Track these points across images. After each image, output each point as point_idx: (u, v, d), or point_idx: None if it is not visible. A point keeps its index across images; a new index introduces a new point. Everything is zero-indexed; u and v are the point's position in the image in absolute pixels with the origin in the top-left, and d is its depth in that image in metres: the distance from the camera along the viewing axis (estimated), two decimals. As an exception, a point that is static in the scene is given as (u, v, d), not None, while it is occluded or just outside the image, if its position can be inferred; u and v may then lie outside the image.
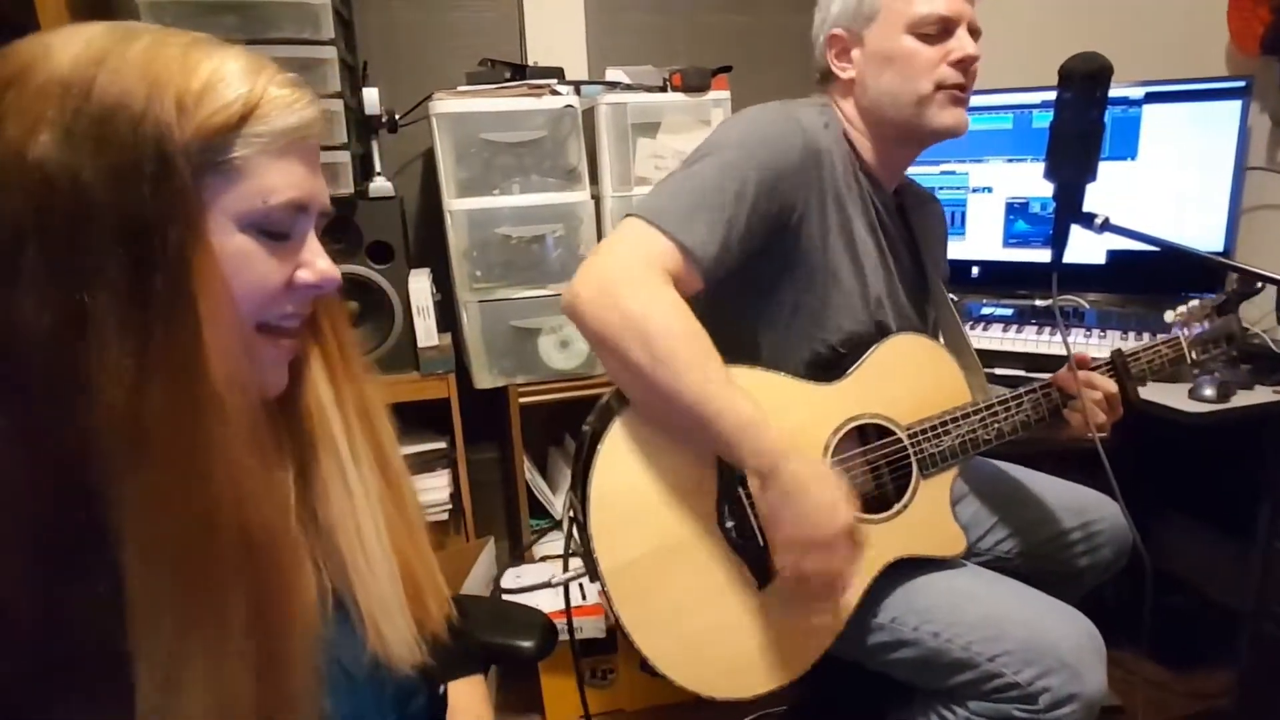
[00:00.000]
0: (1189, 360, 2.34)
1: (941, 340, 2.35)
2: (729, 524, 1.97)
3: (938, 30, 2.12)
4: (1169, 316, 2.45)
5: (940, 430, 2.16)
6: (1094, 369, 2.26)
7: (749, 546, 1.96)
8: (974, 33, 2.16)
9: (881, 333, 2.21)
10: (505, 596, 3.29)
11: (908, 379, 2.19)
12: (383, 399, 1.38)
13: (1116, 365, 2.27)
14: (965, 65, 2.15)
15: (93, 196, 0.94)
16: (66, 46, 0.99)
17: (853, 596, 2.03)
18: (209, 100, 1.02)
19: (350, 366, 1.32)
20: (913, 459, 2.13)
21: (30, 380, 0.94)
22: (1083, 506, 2.51)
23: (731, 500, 1.98)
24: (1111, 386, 2.20)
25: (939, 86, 2.14)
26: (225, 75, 1.05)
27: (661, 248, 1.93)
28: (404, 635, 1.30)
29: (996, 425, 2.20)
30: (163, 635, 0.96)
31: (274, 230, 1.10)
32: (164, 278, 0.97)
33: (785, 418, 1.97)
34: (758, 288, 2.16)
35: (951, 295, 2.45)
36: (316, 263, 1.16)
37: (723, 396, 1.85)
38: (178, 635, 0.97)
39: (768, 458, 1.84)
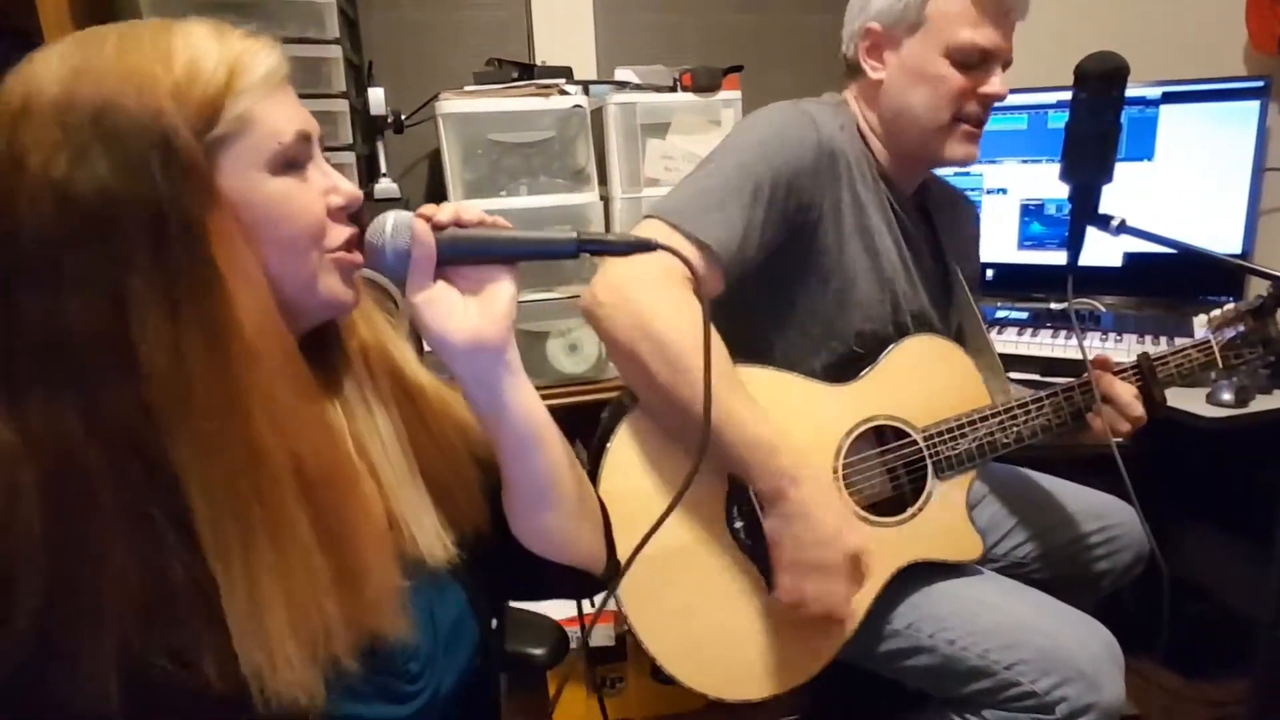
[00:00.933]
0: (1219, 366, 2.31)
1: (965, 343, 2.34)
2: (738, 525, 1.99)
3: (976, 61, 2.13)
4: (1200, 320, 2.43)
5: (957, 433, 2.16)
6: (1118, 373, 2.25)
7: (758, 548, 1.96)
8: (1005, 65, 2.18)
9: (901, 334, 2.22)
10: (512, 604, 3.30)
11: (924, 380, 2.19)
12: (391, 325, 1.49)
13: (1143, 369, 2.26)
14: (990, 103, 2.17)
15: (113, 197, 1.04)
16: (46, 69, 1.09)
17: (864, 600, 2.03)
18: (196, 79, 1.11)
19: (364, 306, 1.43)
20: (928, 461, 2.13)
21: (85, 370, 1.06)
22: (1100, 511, 2.52)
23: (741, 501, 1.99)
24: (1127, 396, 2.20)
25: (959, 118, 2.16)
26: (199, 51, 1.13)
27: (680, 246, 1.92)
28: (431, 532, 1.38)
29: (1015, 429, 2.20)
30: (234, 563, 1.08)
31: (296, 163, 1.20)
32: (183, 249, 1.07)
33: (798, 419, 1.99)
34: (773, 288, 2.17)
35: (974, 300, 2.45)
36: (340, 186, 1.26)
37: (734, 410, 1.87)
38: (246, 561, 1.09)
39: (775, 480, 1.87)
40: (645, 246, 1.30)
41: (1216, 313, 2.37)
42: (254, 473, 1.10)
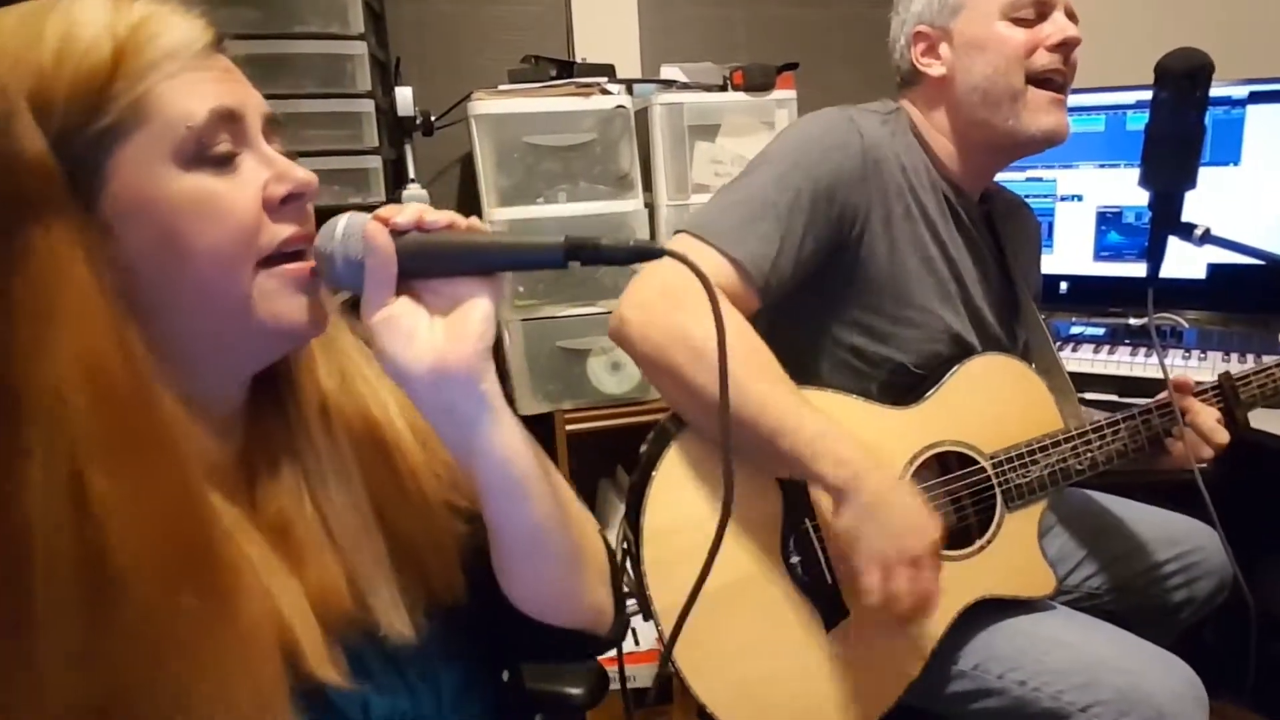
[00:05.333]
0: None
1: (1032, 362, 2.34)
2: (794, 559, 1.98)
3: (1034, 15, 2.13)
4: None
5: (1028, 459, 2.15)
6: (1199, 394, 2.24)
7: (815, 584, 1.97)
8: (1070, 19, 2.17)
9: (964, 353, 2.21)
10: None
11: (992, 403, 2.18)
12: (362, 353, 1.36)
13: (1224, 390, 2.25)
14: (1065, 50, 2.14)
15: None
16: None
17: (930, 638, 2.03)
18: (68, 59, 0.99)
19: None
20: (997, 490, 2.13)
21: None
22: (1178, 537, 2.51)
23: (797, 534, 1.99)
24: (1210, 420, 2.19)
25: (1034, 79, 2.13)
26: (78, 25, 1.01)
27: (712, 264, 1.94)
28: (389, 606, 1.25)
29: (1090, 454, 2.19)
30: None
31: (216, 155, 1.07)
32: None
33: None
34: (822, 305, 2.17)
35: (1039, 313, 2.45)
36: (287, 172, 1.13)
37: (787, 409, 1.86)
38: None
39: (844, 471, 1.84)
40: (649, 254, 1.15)
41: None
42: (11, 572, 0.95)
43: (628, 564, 1.99)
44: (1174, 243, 2.01)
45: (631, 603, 2.06)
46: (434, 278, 1.13)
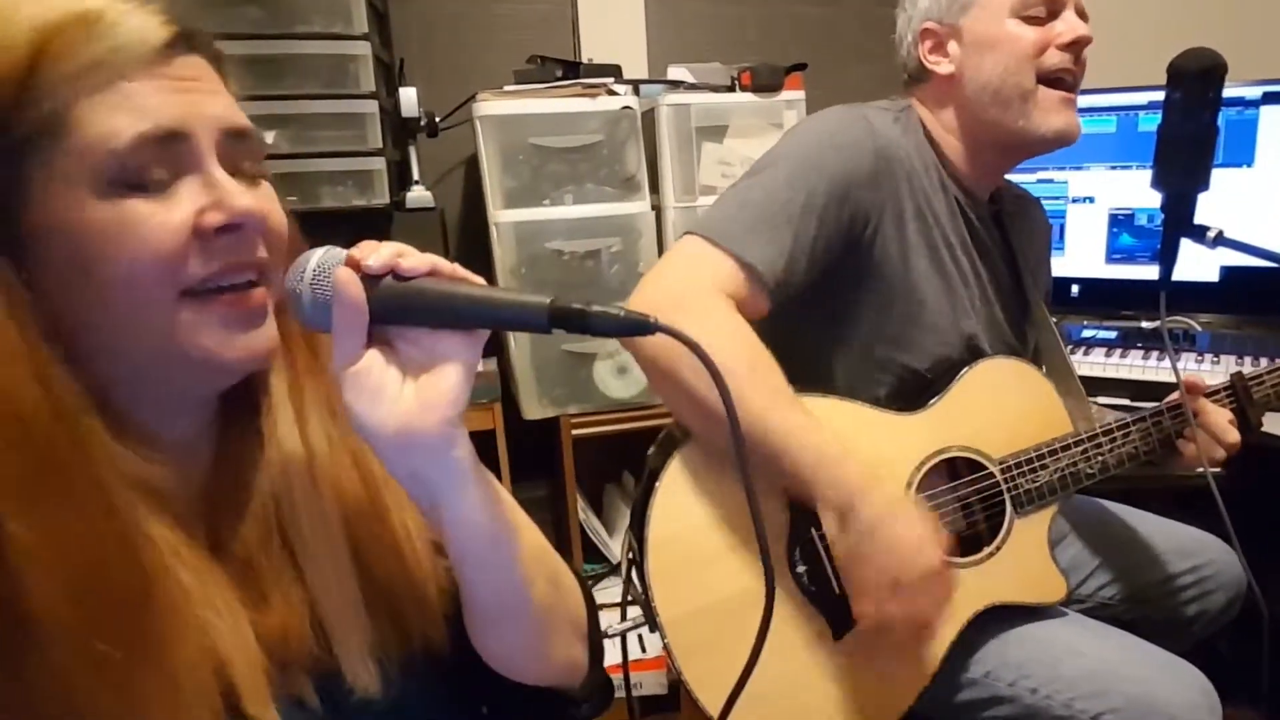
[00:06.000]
0: None
1: (1043, 366, 2.33)
2: (800, 569, 1.97)
3: (1045, 13, 2.12)
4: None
5: (1037, 464, 2.14)
6: (1211, 395, 2.23)
7: (823, 594, 1.96)
8: (1081, 17, 2.16)
9: (975, 356, 2.19)
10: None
11: (1001, 407, 2.17)
12: None
13: (1237, 390, 2.24)
14: (1077, 49, 2.13)
15: None
16: None
17: (939, 646, 2.02)
18: None
19: (313, 346, 1.25)
20: (1006, 496, 2.12)
21: None
22: (1192, 548, 2.49)
23: (803, 543, 1.97)
24: (1222, 421, 2.19)
25: (1045, 78, 2.12)
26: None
27: (721, 267, 1.93)
28: (357, 655, 1.19)
29: (1100, 458, 2.19)
30: None
31: (141, 181, 0.98)
32: None
33: (864, 451, 1.95)
34: (831, 309, 2.16)
35: (1050, 316, 2.44)
36: (225, 200, 1.03)
37: (790, 426, 1.85)
38: None
39: (844, 492, 1.83)
40: (640, 328, 1.08)
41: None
42: None
43: (633, 573, 1.98)
44: (1187, 245, 2.01)
45: (637, 613, 2.06)
46: (408, 326, 1.07)
